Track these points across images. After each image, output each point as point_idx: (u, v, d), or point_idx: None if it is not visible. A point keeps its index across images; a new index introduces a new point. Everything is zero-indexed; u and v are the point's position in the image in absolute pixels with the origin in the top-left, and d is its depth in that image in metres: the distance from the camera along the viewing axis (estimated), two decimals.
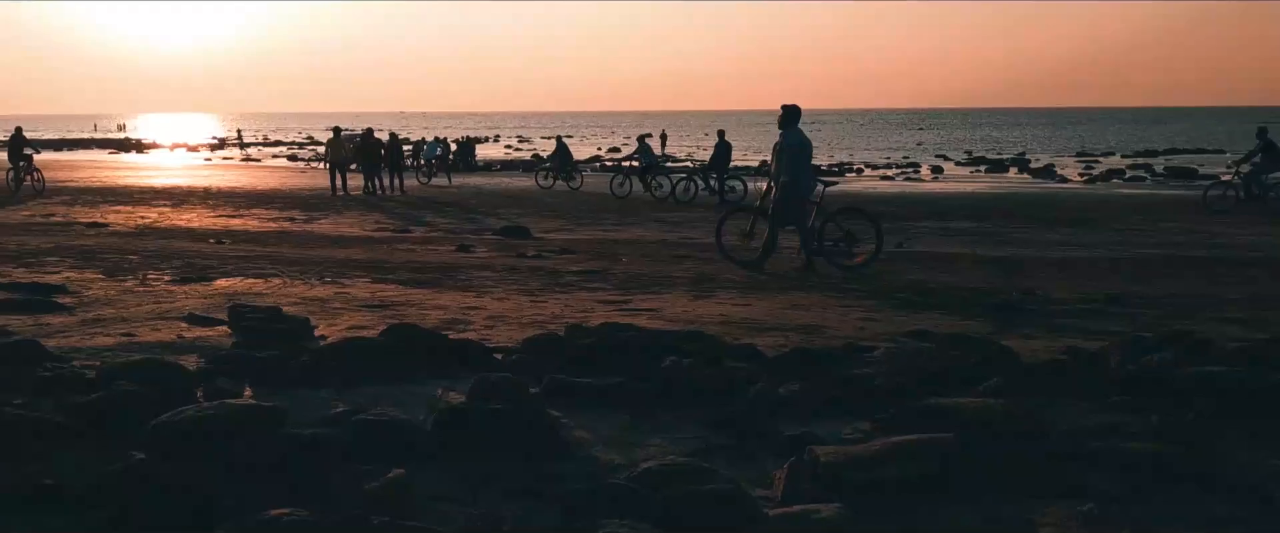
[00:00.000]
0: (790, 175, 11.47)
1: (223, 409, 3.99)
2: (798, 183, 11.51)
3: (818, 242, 11.67)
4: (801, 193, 11.56)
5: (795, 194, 11.53)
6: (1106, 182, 35.49)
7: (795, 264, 11.82)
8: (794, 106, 11.68)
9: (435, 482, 3.77)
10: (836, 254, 11.72)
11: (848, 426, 4.60)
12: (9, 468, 3.67)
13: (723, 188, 24.00)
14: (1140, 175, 37.20)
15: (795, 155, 11.49)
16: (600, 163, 47.67)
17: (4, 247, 12.86)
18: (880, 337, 7.18)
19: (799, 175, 11.52)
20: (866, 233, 11.85)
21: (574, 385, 5.07)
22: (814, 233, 11.67)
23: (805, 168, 11.65)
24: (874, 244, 11.71)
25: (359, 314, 7.93)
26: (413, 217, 20.72)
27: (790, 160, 11.48)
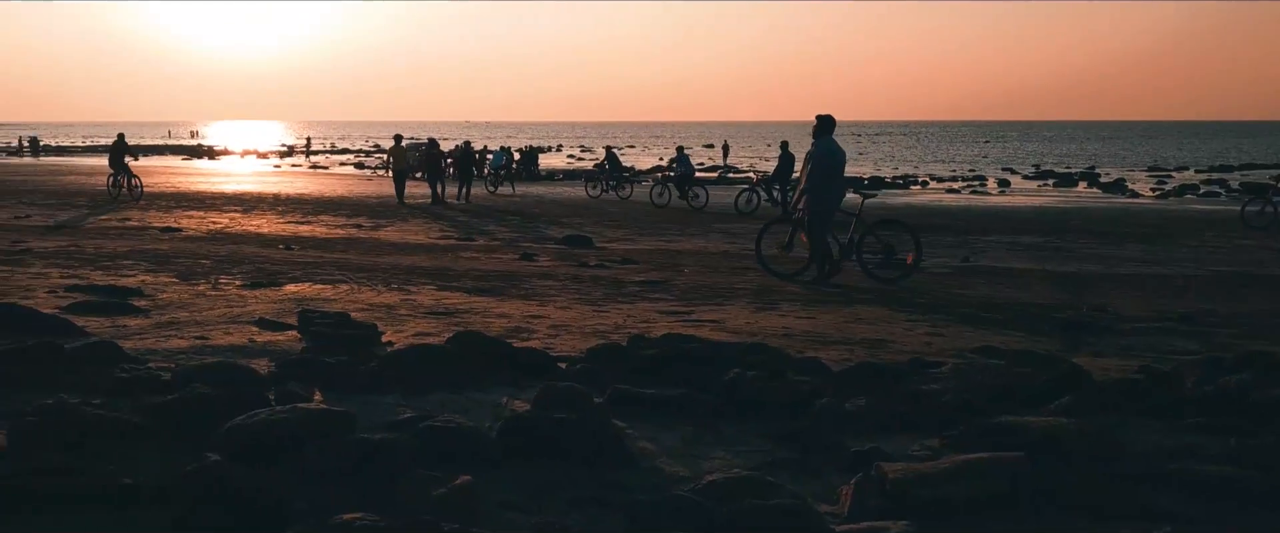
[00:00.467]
0: (809, 184, 11.39)
1: (294, 413, 4.06)
2: (816, 193, 11.36)
3: (857, 254, 11.57)
4: (822, 203, 11.40)
5: (816, 205, 11.39)
6: (1180, 197, 34.73)
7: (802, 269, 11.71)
8: (828, 117, 11.57)
9: (501, 489, 3.79)
10: (876, 267, 11.62)
11: (915, 442, 4.55)
12: (89, 467, 3.77)
13: (785, 199, 23.87)
14: (1215, 191, 36.33)
15: (820, 165, 11.36)
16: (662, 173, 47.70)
17: (82, 250, 13.22)
18: (947, 352, 7.09)
19: (820, 185, 11.36)
20: (906, 246, 11.71)
21: (638, 396, 5.08)
22: (851, 245, 11.58)
23: (831, 178, 11.46)
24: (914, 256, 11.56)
25: (424, 321, 8.02)
26: (476, 225, 20.91)
27: (814, 170, 11.39)
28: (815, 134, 11.58)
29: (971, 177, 46.68)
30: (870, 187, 37.84)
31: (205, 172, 47.04)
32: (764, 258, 12.20)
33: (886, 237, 11.74)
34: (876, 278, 11.48)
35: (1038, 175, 47.88)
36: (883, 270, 11.57)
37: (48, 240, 14.69)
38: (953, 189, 38.53)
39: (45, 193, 28.65)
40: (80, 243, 14.40)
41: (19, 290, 8.95)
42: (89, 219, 20.44)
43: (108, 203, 25.03)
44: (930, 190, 38.11)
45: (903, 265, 11.55)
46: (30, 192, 29.03)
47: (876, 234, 11.70)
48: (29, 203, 24.77)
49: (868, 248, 11.61)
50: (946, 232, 20.29)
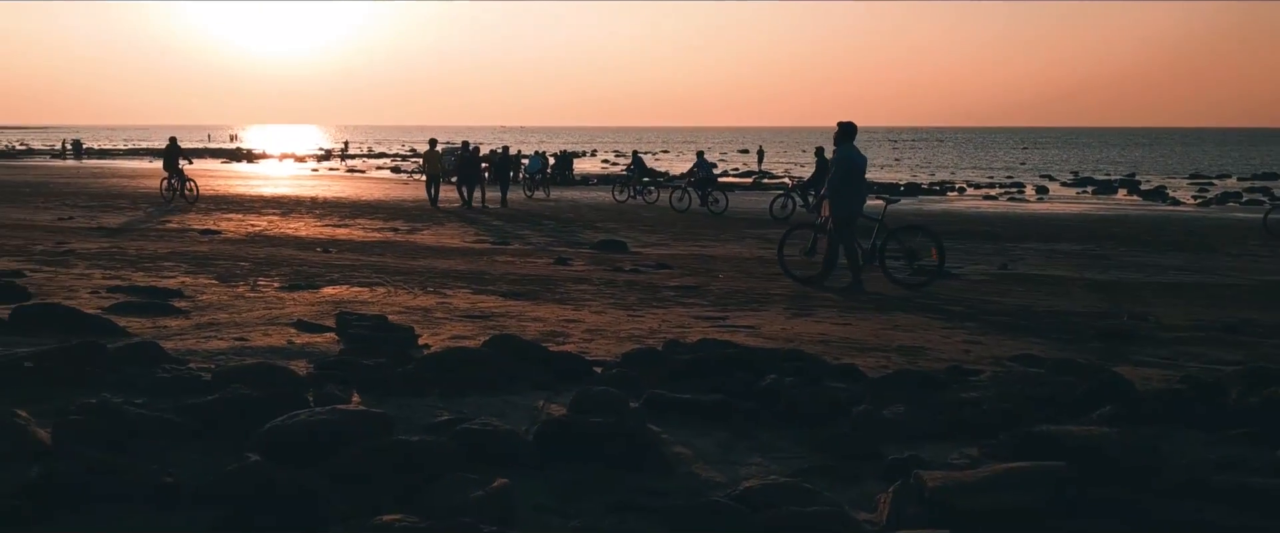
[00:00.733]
0: (830, 189, 11.42)
1: (334, 415, 4.08)
2: (838, 199, 11.39)
3: (879, 259, 11.60)
4: (842, 209, 11.42)
5: (837, 211, 11.41)
6: (1222, 205, 34.26)
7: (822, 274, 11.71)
8: (849, 123, 11.60)
9: (538, 493, 3.80)
10: (899, 272, 11.63)
11: (954, 450, 4.50)
12: (131, 465, 3.81)
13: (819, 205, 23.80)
14: (1258, 199, 35.79)
15: (840, 171, 11.39)
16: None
17: (124, 251, 13.39)
18: (985, 360, 7.03)
19: (839, 191, 11.38)
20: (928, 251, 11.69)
21: (674, 401, 5.07)
22: (874, 251, 11.60)
23: (853, 185, 11.46)
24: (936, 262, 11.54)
25: (460, 324, 8.05)
26: (511, 229, 21.00)
27: (835, 176, 11.42)
28: (837, 141, 11.63)
29: (1009, 183, 46.29)
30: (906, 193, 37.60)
31: (244, 175, 47.56)
32: (786, 262, 12.21)
33: (909, 242, 11.74)
34: (899, 283, 11.46)
35: (1077, 183, 47.41)
36: (906, 276, 11.57)
37: (90, 242, 14.90)
38: (990, 196, 38.23)
39: (88, 195, 29.07)
40: (122, 244, 14.60)
41: (63, 290, 9.08)
42: (130, 221, 20.71)
43: (149, 204, 25.35)
44: (967, 197, 37.83)
45: (926, 270, 11.52)
46: (73, 194, 29.47)
47: (899, 240, 11.71)
48: (72, 205, 25.15)
49: (890, 254, 11.63)
50: (984, 239, 20.14)
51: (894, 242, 11.66)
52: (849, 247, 11.50)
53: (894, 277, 11.56)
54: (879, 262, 11.62)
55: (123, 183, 36.52)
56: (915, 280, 11.47)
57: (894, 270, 11.62)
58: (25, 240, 14.75)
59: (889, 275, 11.59)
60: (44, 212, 22.85)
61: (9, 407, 4.51)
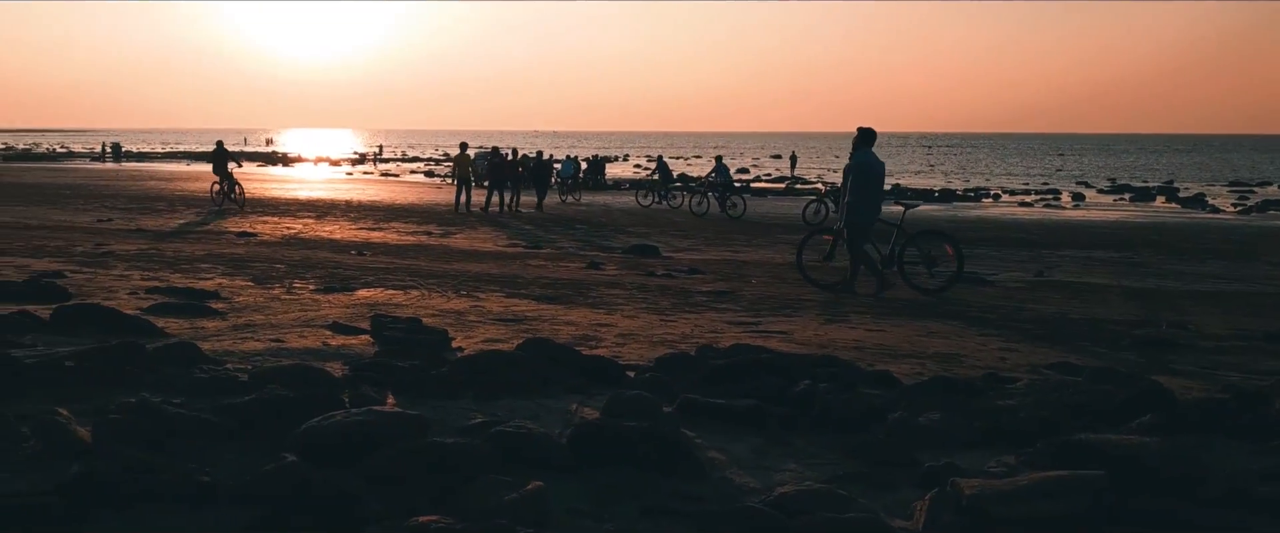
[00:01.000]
0: (851, 196, 11.39)
1: (370, 416, 4.10)
2: (856, 204, 11.36)
3: (898, 264, 11.58)
4: (860, 215, 11.40)
5: (854, 216, 11.38)
6: (1263, 213, 33.78)
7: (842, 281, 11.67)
8: (868, 129, 11.59)
9: (572, 496, 3.79)
10: (917, 277, 11.61)
11: (991, 458, 4.46)
12: (169, 464, 3.84)
13: None
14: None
15: (857, 177, 11.36)
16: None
17: (161, 253, 13.55)
18: (1021, 368, 6.96)
19: (858, 197, 11.35)
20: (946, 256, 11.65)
21: (708, 406, 5.05)
22: (893, 255, 11.60)
23: (869, 190, 11.42)
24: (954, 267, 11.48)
25: (493, 327, 8.07)
26: (543, 233, 21.05)
27: (851, 182, 11.40)
28: (855, 146, 11.61)
29: (1045, 190, 45.90)
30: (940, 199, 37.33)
31: (279, 178, 48.01)
32: (804, 268, 12.22)
33: (927, 247, 11.71)
34: (918, 288, 11.43)
35: (1114, 190, 46.96)
36: (924, 281, 11.55)
37: (129, 243, 15.08)
38: (1026, 203, 37.93)
39: (126, 198, 29.44)
40: (159, 246, 14.77)
41: (102, 291, 9.19)
42: (168, 223, 20.95)
43: (186, 206, 25.60)
44: (1002, 204, 37.54)
45: (945, 275, 11.50)
46: (112, 196, 29.86)
47: (917, 245, 11.69)
48: (111, 207, 25.48)
49: (909, 259, 11.63)
50: (1019, 246, 19.98)
51: (913, 247, 11.66)
52: (860, 252, 11.50)
53: (913, 282, 11.55)
54: (898, 267, 11.62)
55: (160, 185, 36.98)
56: (935, 286, 11.44)
57: (913, 276, 11.61)
58: (65, 242, 14.96)
59: (908, 281, 11.58)
60: (83, 214, 23.17)
61: (50, 405, 4.57)
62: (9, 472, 3.86)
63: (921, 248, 11.67)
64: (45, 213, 23.02)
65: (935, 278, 11.52)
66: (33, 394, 4.93)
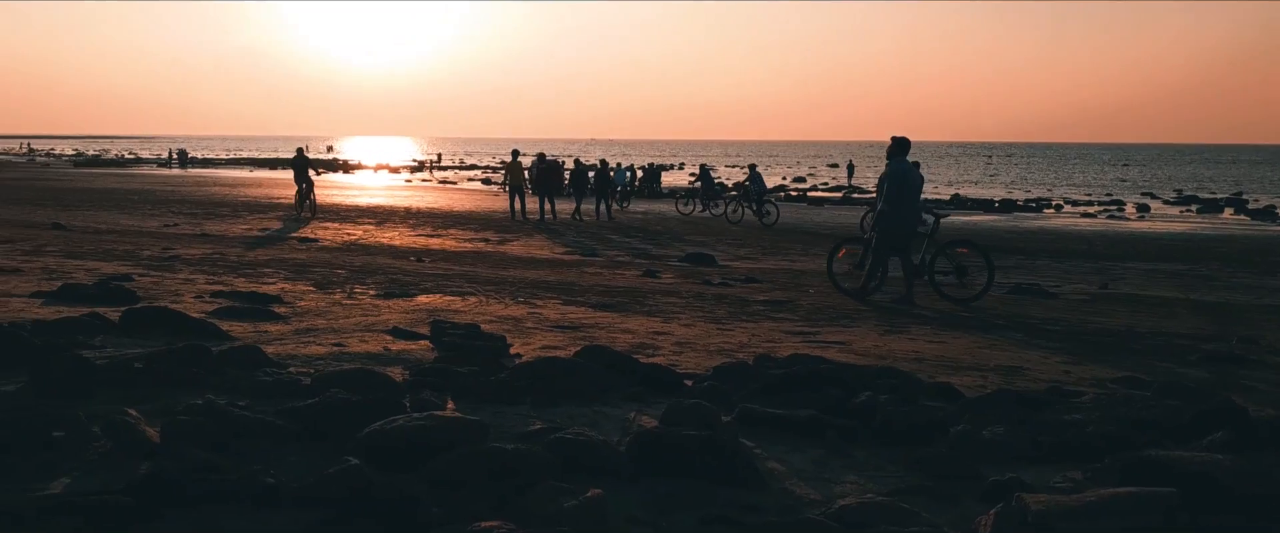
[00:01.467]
0: (886, 205, 11.35)
1: (431, 421, 4.13)
2: (893, 213, 11.33)
3: (929, 274, 11.56)
4: (899, 224, 11.37)
5: (890, 224, 11.36)
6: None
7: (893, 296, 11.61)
8: (903, 138, 11.57)
9: (630, 505, 3.78)
10: (947, 287, 11.60)
11: (1057, 474, 4.38)
12: (235, 465, 3.90)
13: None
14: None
15: (895, 185, 11.34)
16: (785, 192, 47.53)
17: (226, 257, 13.79)
18: (1086, 382, 6.83)
19: (895, 206, 11.33)
20: (978, 267, 11.63)
21: (767, 416, 5.01)
22: (923, 265, 11.57)
23: (905, 199, 11.39)
24: (985, 278, 11.47)
25: (551, 334, 8.10)
26: (600, 241, 21.10)
27: (888, 190, 11.36)
28: (889, 155, 11.62)
29: (1108, 201, 45.08)
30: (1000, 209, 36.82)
31: (340, 185, 48.65)
32: (835, 275, 12.26)
33: (958, 257, 11.69)
34: (949, 298, 11.43)
35: (1180, 200, 45.98)
36: (956, 290, 11.54)
37: (194, 248, 15.38)
38: (1088, 213, 37.26)
39: (191, 203, 30.04)
40: (223, 250, 15.04)
41: (169, 294, 9.37)
42: (231, 228, 21.33)
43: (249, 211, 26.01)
44: (1065, 214, 36.92)
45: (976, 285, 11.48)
46: (178, 202, 30.48)
47: (948, 254, 11.68)
48: (177, 212, 26.01)
49: (939, 268, 11.62)
50: (1083, 257, 19.65)
51: (944, 257, 11.64)
52: (881, 260, 11.50)
53: (944, 292, 11.55)
54: (928, 277, 11.61)
55: (224, 191, 37.67)
56: (965, 294, 11.42)
57: (944, 286, 11.61)
58: (134, 245, 15.29)
59: (939, 291, 11.58)
60: (150, 218, 23.68)
61: (119, 406, 4.67)
62: (81, 471, 3.95)
63: (952, 258, 11.64)
64: (114, 218, 23.57)
65: (966, 288, 11.49)
66: (102, 395, 5.04)
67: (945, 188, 53.28)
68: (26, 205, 27.07)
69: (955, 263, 11.58)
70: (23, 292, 9.12)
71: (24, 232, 17.41)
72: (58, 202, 29.08)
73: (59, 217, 22.74)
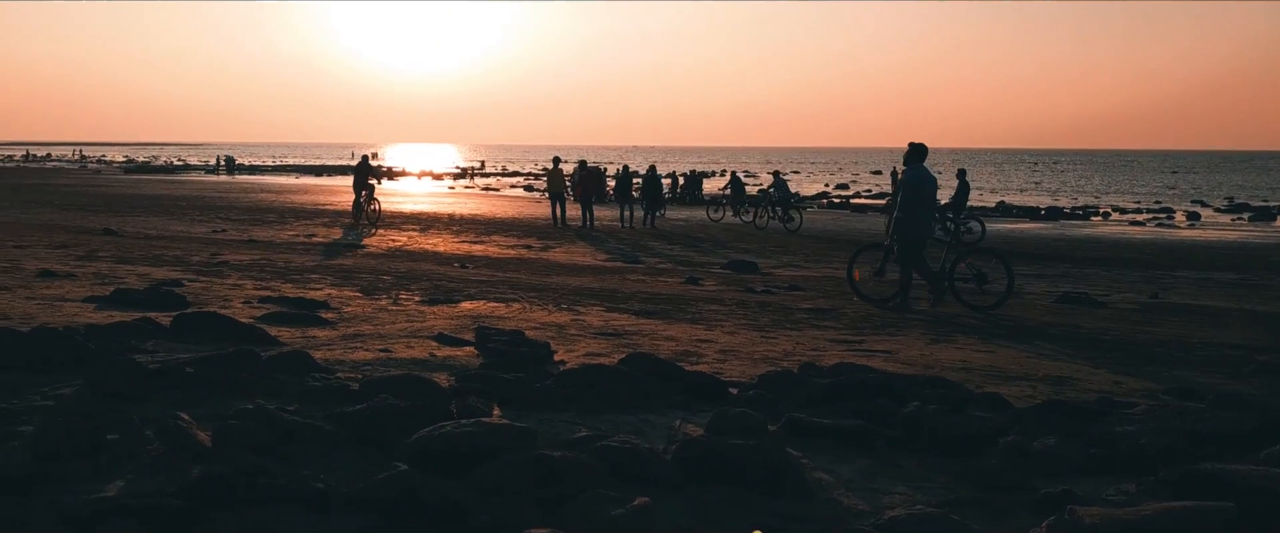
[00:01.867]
0: (901, 211, 11.44)
1: (479, 427, 4.14)
2: (911, 219, 11.39)
3: (949, 281, 11.61)
4: (916, 230, 11.43)
5: (907, 231, 11.42)
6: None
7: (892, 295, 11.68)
8: (919, 144, 11.66)
9: (677, 513, 3.77)
10: (967, 294, 11.65)
11: (1110, 486, 4.31)
12: (285, 470, 3.94)
13: (959, 228, 23.22)
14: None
15: (908, 192, 11.41)
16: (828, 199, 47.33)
17: (273, 263, 13.95)
18: (1137, 393, 6.72)
19: (913, 212, 11.39)
20: (998, 273, 11.67)
21: (813, 426, 4.98)
22: (943, 271, 11.62)
23: (921, 205, 11.44)
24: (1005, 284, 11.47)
25: (594, 341, 8.11)
26: (641, 248, 21.11)
27: (903, 197, 11.44)
28: (907, 161, 11.70)
29: (1158, 209, 44.40)
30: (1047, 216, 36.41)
31: (385, 192, 49.02)
32: (855, 283, 12.29)
33: (979, 264, 11.77)
34: (969, 306, 11.42)
35: (1231, 208, 45.15)
36: (976, 297, 11.57)
37: (242, 253, 15.57)
38: (1137, 221, 36.71)
39: (239, 209, 30.44)
40: (271, 256, 15.22)
41: (218, 300, 9.49)
42: (278, 234, 21.59)
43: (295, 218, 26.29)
44: (1113, 222, 36.41)
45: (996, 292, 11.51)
46: (226, 208, 30.90)
47: (969, 261, 11.75)
48: (224, 218, 26.37)
49: (959, 274, 11.70)
50: (1132, 266, 19.36)
51: (964, 263, 11.71)
52: (921, 266, 11.52)
53: (964, 299, 11.58)
54: (949, 283, 11.67)
55: (271, 198, 38.13)
56: (985, 301, 11.41)
57: (965, 292, 11.66)
58: (183, 251, 15.52)
59: (959, 298, 11.62)
60: (199, 224, 24.03)
61: (172, 410, 4.73)
62: (135, 473, 4.00)
63: (972, 264, 11.71)
64: (164, 223, 23.94)
65: (987, 295, 11.49)
66: (155, 399, 5.12)
67: (990, 195, 52.74)
68: (79, 211, 27.58)
69: (975, 270, 11.63)
70: (77, 296, 9.28)
71: (77, 237, 17.74)
72: (109, 208, 29.60)
73: (110, 222, 23.14)
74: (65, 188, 43.14)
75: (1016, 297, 13.18)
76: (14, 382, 5.34)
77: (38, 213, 26.45)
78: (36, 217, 24.90)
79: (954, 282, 11.64)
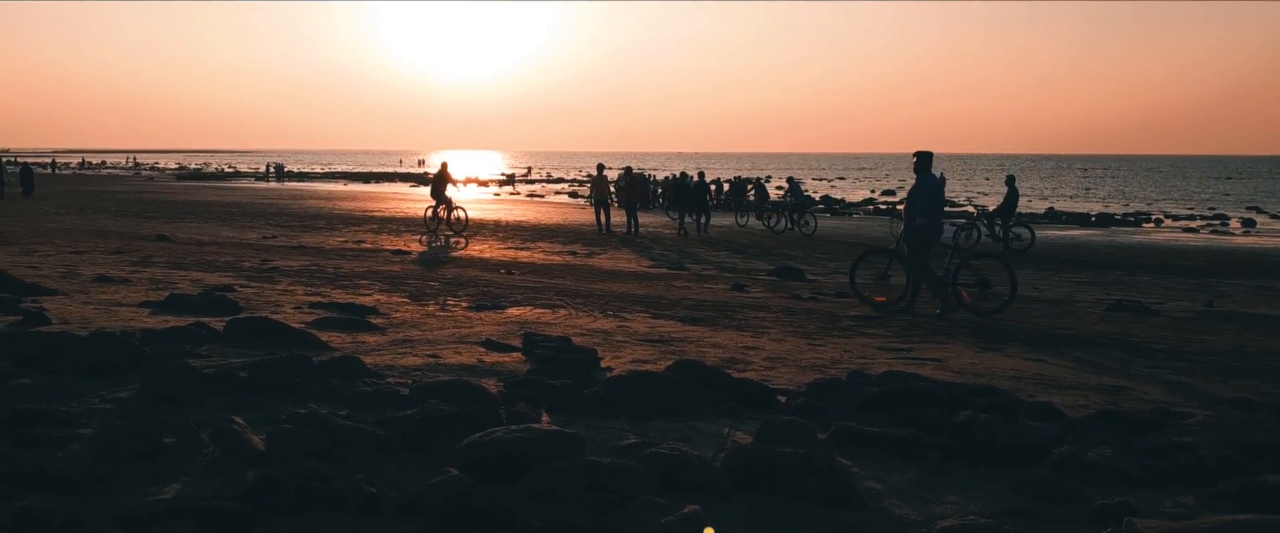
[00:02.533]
0: (923, 218, 11.53)
1: (529, 434, 4.16)
2: (927, 226, 11.53)
3: (952, 285, 11.67)
4: (927, 236, 11.57)
5: (916, 237, 11.56)
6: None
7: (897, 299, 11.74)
8: (927, 152, 11.85)
9: (727, 522, 3.75)
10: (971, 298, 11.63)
11: (1167, 498, 4.23)
12: (338, 474, 3.97)
13: (1007, 235, 22.96)
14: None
15: (925, 198, 11.54)
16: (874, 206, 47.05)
17: (323, 269, 14.10)
18: (1194, 403, 6.60)
19: (928, 218, 11.52)
20: (1001, 279, 11.66)
21: (864, 435, 4.94)
22: (947, 276, 11.65)
23: (932, 211, 11.58)
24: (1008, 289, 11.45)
25: (641, 348, 8.11)
26: (686, 255, 21.08)
27: (923, 204, 11.55)
28: (916, 169, 11.86)
29: (1212, 215, 43.57)
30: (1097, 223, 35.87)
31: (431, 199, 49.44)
32: (858, 287, 12.35)
33: (981, 269, 11.78)
34: (971, 311, 11.46)
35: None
36: (979, 302, 11.58)
37: (292, 260, 15.76)
38: (1190, 228, 36.05)
39: (288, 215, 30.81)
40: (320, 262, 15.38)
41: (269, 305, 9.61)
42: (327, 241, 21.83)
43: (344, 224, 26.56)
44: (1165, 229, 35.78)
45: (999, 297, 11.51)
46: (276, 214, 31.29)
47: (972, 266, 11.77)
48: (274, 224, 26.70)
49: (962, 280, 11.74)
50: (1185, 273, 19.02)
51: (967, 268, 11.74)
52: (928, 272, 11.59)
53: (965, 303, 11.60)
54: (952, 287, 11.72)
55: (320, 205, 38.54)
56: (988, 306, 11.44)
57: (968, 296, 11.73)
58: (234, 257, 15.74)
59: (960, 301, 11.64)
60: (250, 231, 24.35)
61: (226, 414, 4.80)
62: (190, 476, 4.06)
63: (975, 269, 11.73)
64: (215, 229, 24.30)
65: (991, 300, 11.52)
66: (210, 403, 5.19)
67: (1039, 201, 52.08)
68: (133, 218, 28.07)
69: (977, 274, 11.69)
70: (132, 301, 9.44)
71: (132, 243, 18.05)
72: (162, 214, 30.10)
73: (163, 228, 23.54)
74: (120, 195, 43.93)
75: (1068, 305, 13.02)
76: (73, 385, 5.44)
77: (93, 219, 26.96)
78: (92, 223, 25.38)
79: (957, 286, 11.72)
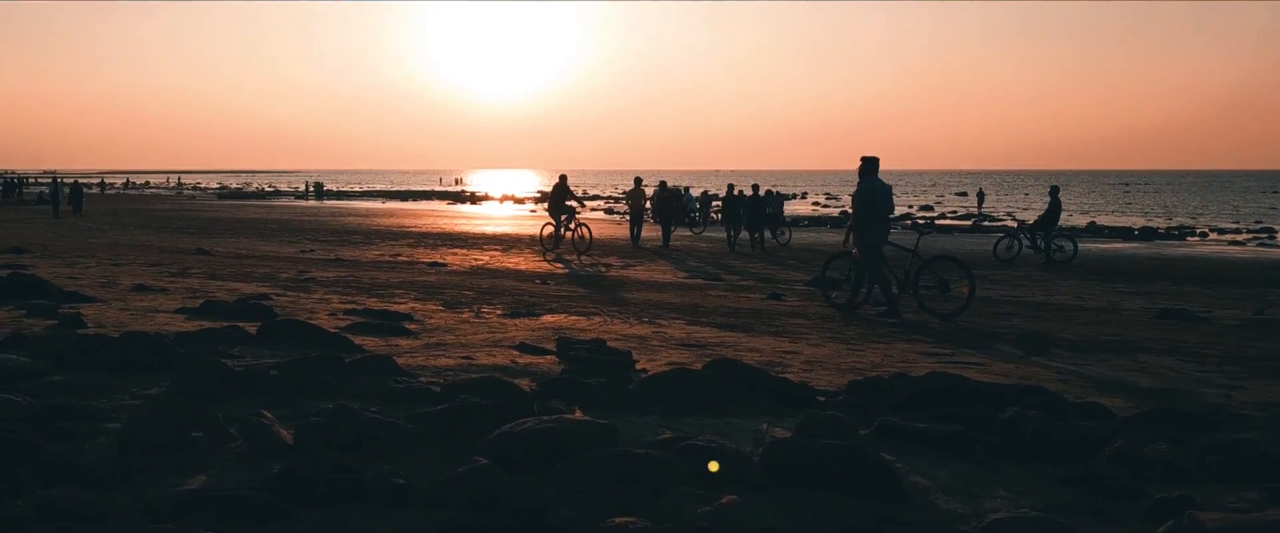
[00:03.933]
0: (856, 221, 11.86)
1: (561, 424, 4.05)
2: (862, 228, 11.76)
3: (914, 288, 11.83)
4: (870, 238, 11.74)
5: (864, 241, 11.76)
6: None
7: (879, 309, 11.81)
8: (872, 158, 11.95)
9: (766, 515, 3.61)
10: (930, 300, 11.77)
11: (1230, 493, 4.04)
12: (366, 466, 3.88)
13: (1049, 247, 22.58)
14: None
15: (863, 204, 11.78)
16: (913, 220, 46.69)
17: (359, 280, 14.10)
18: (1250, 406, 6.36)
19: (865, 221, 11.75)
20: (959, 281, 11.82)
21: (908, 430, 4.77)
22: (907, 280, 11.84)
23: (876, 215, 11.71)
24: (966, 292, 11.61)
25: (676, 352, 7.98)
26: (722, 266, 20.93)
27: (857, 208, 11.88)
28: (861, 175, 12.03)
29: (1258, 228, 42.76)
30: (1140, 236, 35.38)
31: (468, 215, 49.65)
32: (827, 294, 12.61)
33: (941, 272, 11.87)
34: (931, 312, 11.51)
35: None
36: (939, 304, 11.67)
37: (329, 271, 15.79)
38: (1236, 241, 35.39)
39: (327, 231, 30.99)
40: (356, 274, 15.40)
41: (304, 312, 9.59)
42: (364, 254, 21.90)
43: (382, 239, 26.67)
44: (1210, 242, 35.14)
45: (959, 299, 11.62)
46: (314, 230, 31.50)
47: (932, 269, 11.85)
48: (313, 239, 26.85)
49: (923, 283, 11.85)
50: (1232, 284, 18.60)
51: (927, 271, 11.82)
52: (879, 275, 11.76)
53: (927, 306, 11.68)
54: (913, 290, 11.84)
55: (357, 221, 38.77)
56: (947, 309, 11.52)
57: (927, 299, 11.80)
58: (272, 269, 15.79)
59: (921, 303, 11.74)
60: (288, 245, 24.49)
61: (256, 409, 4.73)
62: (218, 468, 3.99)
63: (936, 272, 11.78)
64: (253, 244, 24.47)
65: (949, 302, 11.60)
66: (240, 399, 5.13)
67: (1080, 216, 51.40)
68: (174, 234, 28.35)
69: (937, 277, 11.75)
70: (168, 308, 9.45)
71: (171, 257, 18.18)
72: (202, 230, 30.38)
73: (203, 243, 23.72)
74: (162, 212, 44.46)
75: (1113, 313, 12.75)
76: (104, 383, 5.41)
77: (135, 235, 27.25)
78: (133, 238, 25.64)
79: (918, 289, 11.79)
